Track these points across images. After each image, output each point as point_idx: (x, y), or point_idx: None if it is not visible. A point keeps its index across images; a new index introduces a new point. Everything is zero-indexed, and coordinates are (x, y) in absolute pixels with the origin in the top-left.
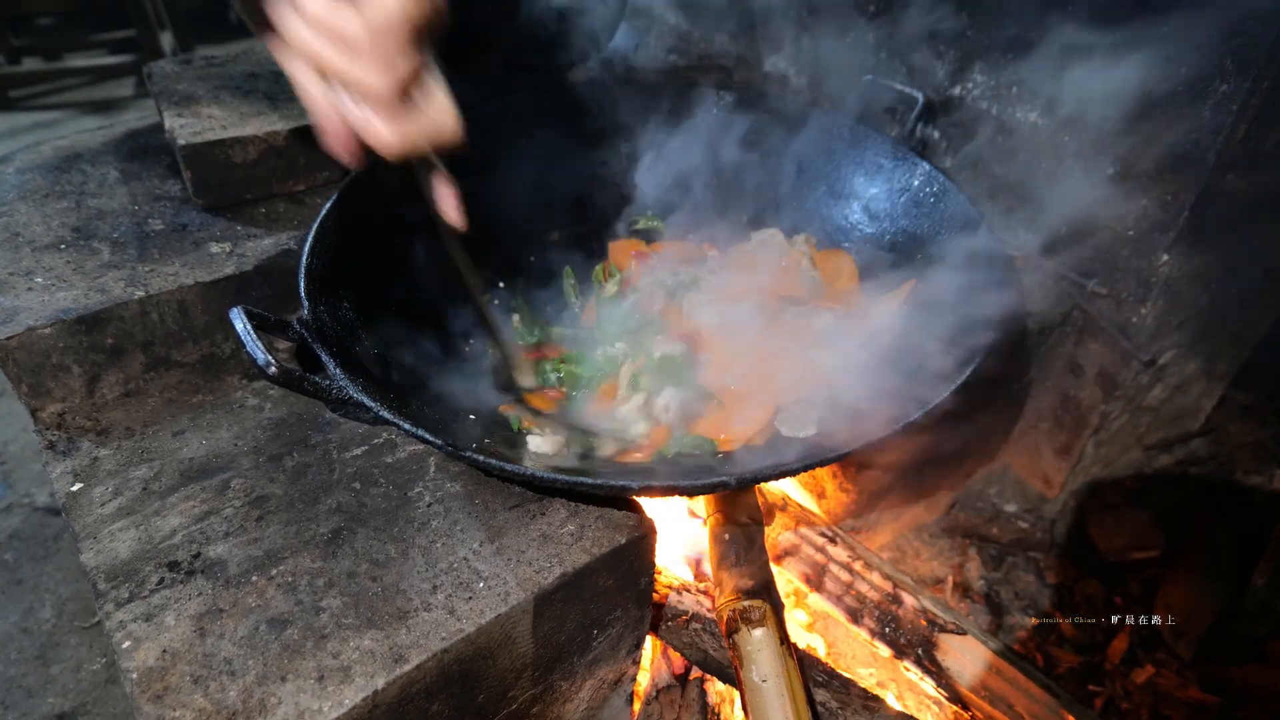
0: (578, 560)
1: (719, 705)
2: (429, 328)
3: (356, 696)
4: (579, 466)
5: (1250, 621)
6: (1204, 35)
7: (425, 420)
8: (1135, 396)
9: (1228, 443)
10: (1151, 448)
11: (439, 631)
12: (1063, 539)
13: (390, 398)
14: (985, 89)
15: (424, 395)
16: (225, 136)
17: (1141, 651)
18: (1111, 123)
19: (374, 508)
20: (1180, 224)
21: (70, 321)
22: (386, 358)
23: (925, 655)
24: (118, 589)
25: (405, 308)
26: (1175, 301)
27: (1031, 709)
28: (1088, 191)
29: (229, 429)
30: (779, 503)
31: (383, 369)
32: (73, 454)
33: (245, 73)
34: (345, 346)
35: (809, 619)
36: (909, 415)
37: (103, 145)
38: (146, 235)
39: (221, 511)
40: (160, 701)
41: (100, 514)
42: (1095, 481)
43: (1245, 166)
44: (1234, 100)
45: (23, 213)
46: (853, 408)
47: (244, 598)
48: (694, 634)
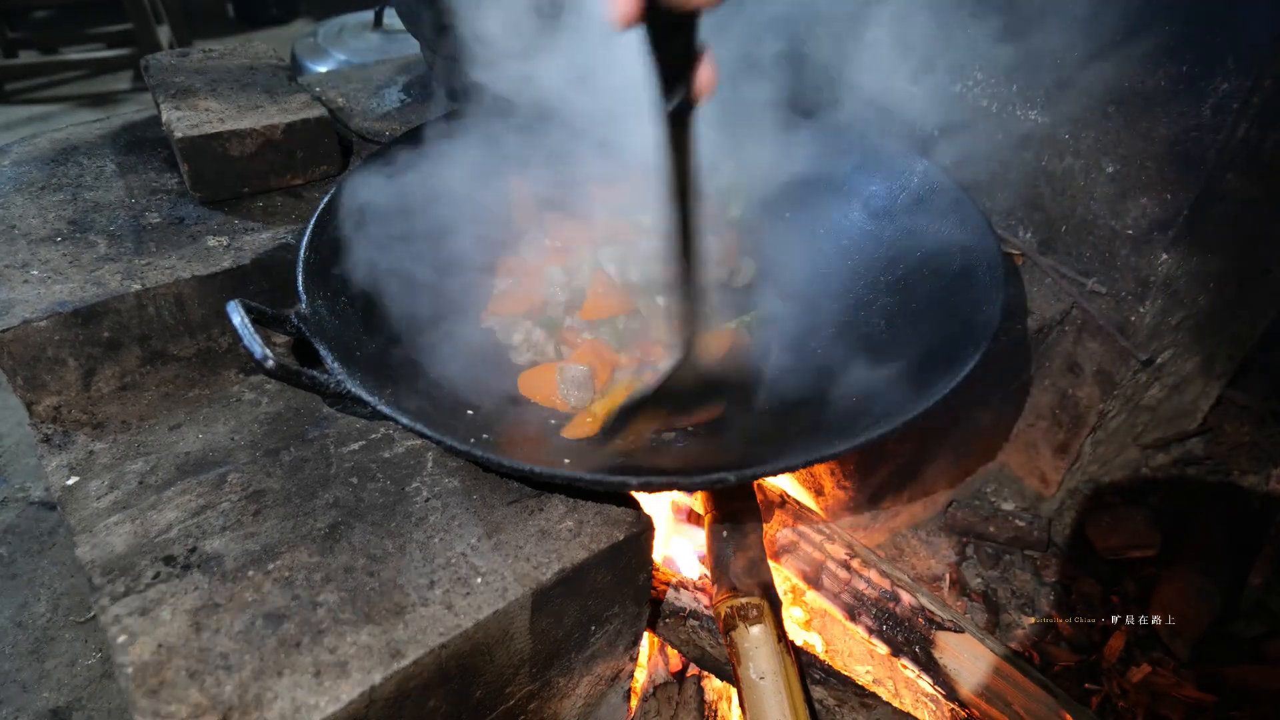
0: (576, 556)
1: (716, 702)
2: (427, 322)
3: (353, 692)
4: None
5: (1247, 621)
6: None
7: (423, 415)
8: (1133, 395)
9: (1225, 442)
10: (1149, 447)
11: (436, 627)
12: (1060, 538)
13: (388, 392)
14: (985, 86)
15: (422, 390)
16: (223, 130)
17: (1138, 650)
18: (1112, 121)
19: (371, 503)
20: (1180, 223)
21: (66, 315)
22: (384, 352)
23: (922, 653)
24: (113, 583)
25: (404, 302)
26: (1174, 301)
27: (1029, 707)
28: (1087, 190)
29: (225, 423)
30: (777, 499)
31: (380, 363)
32: (68, 448)
33: (243, 66)
34: (343, 341)
35: (806, 616)
36: (908, 414)
37: (99, 138)
38: (143, 228)
39: (218, 506)
40: (156, 696)
41: (96, 508)
42: (1093, 480)
43: (1245, 166)
44: (1234, 99)
45: (19, 205)
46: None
47: (240, 592)
48: (691, 631)
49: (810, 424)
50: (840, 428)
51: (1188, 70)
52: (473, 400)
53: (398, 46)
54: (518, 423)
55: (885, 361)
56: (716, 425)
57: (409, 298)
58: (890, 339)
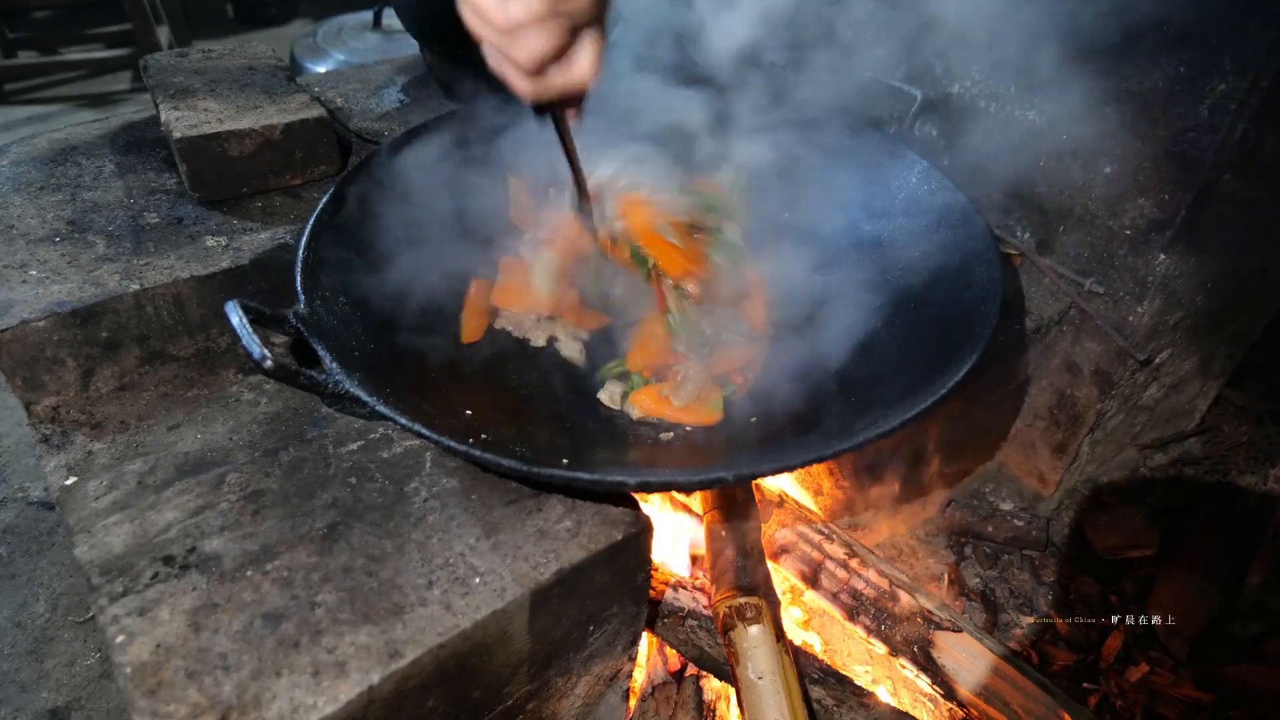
0: (574, 556)
1: (715, 702)
2: (426, 322)
3: (352, 692)
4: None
5: (1244, 620)
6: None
7: (422, 415)
8: (1131, 395)
9: (1222, 442)
10: (1147, 447)
11: (435, 627)
12: (1058, 537)
13: (386, 392)
14: (984, 87)
15: (421, 390)
16: (222, 130)
17: (1136, 650)
18: (1110, 121)
19: (370, 503)
20: (1177, 223)
21: (65, 315)
22: (382, 352)
23: (921, 652)
24: (112, 583)
25: (402, 302)
26: (1172, 301)
27: (1027, 706)
28: (1085, 190)
29: (224, 423)
30: (776, 499)
31: (378, 363)
32: (67, 448)
33: (242, 66)
34: (341, 341)
35: (805, 616)
36: (906, 414)
37: (98, 138)
38: (142, 229)
39: (216, 506)
40: (154, 696)
41: (94, 508)
42: (1091, 480)
43: (1243, 166)
44: (1232, 100)
45: (17, 205)
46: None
47: (239, 592)
48: (690, 631)
49: (808, 424)
50: (838, 428)
51: (1185, 71)
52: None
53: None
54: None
55: (883, 362)
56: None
57: (407, 297)
58: (888, 339)
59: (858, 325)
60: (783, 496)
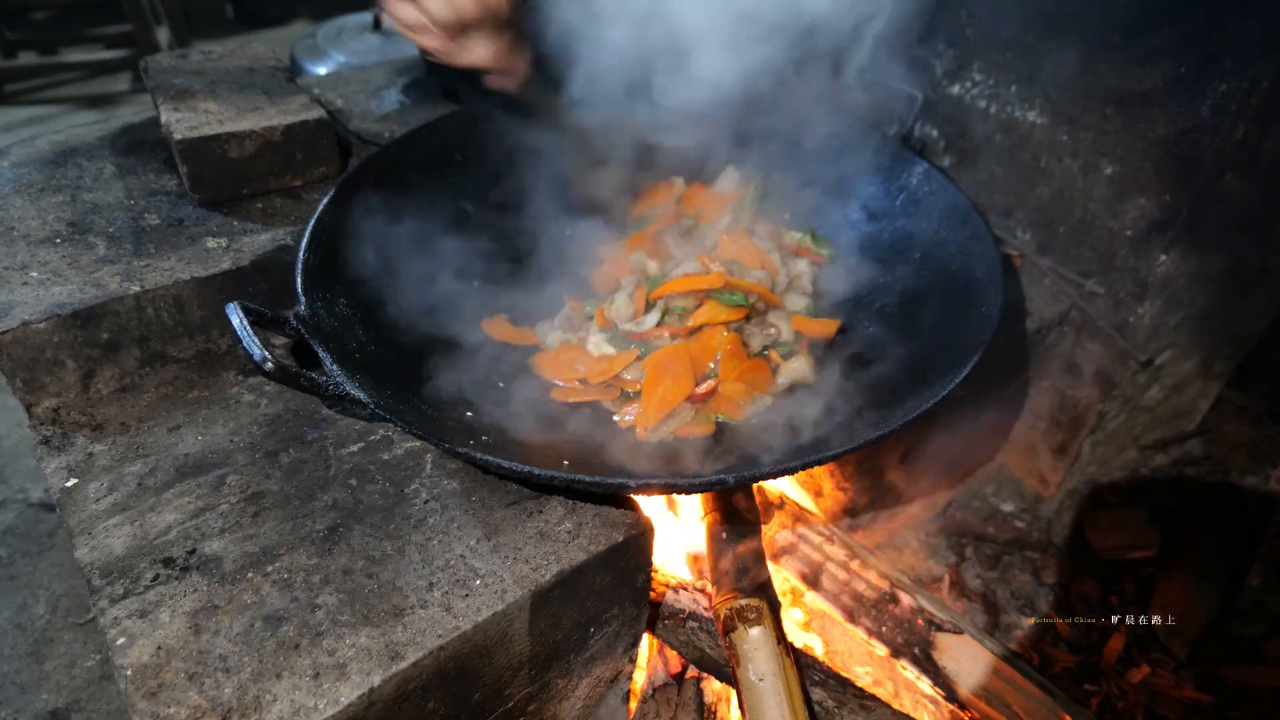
0: (575, 558)
1: (715, 704)
2: (426, 323)
3: (352, 694)
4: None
5: (1245, 621)
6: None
7: (422, 417)
8: (1132, 396)
9: (1223, 443)
10: (1147, 448)
11: (435, 629)
12: (1059, 539)
13: (387, 394)
14: (984, 88)
15: (421, 391)
16: (222, 131)
17: (1137, 651)
18: (1110, 122)
19: (370, 504)
20: (1178, 224)
21: (65, 316)
22: (383, 354)
23: (922, 654)
24: (112, 585)
25: (402, 304)
26: (1173, 301)
27: (1028, 708)
28: (1086, 190)
29: (225, 425)
30: (776, 501)
31: (379, 365)
32: (67, 449)
33: (242, 67)
34: (342, 342)
35: (806, 618)
36: (906, 415)
37: (99, 140)
38: (142, 230)
39: (217, 508)
40: (155, 698)
41: (95, 510)
42: (1091, 481)
43: (1243, 167)
44: (1232, 100)
45: (18, 207)
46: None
47: (239, 594)
48: (691, 632)
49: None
50: (838, 429)
51: (1186, 71)
52: (472, 402)
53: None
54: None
55: (884, 363)
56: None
57: (407, 299)
58: (888, 340)
59: (858, 326)
60: (783, 498)
